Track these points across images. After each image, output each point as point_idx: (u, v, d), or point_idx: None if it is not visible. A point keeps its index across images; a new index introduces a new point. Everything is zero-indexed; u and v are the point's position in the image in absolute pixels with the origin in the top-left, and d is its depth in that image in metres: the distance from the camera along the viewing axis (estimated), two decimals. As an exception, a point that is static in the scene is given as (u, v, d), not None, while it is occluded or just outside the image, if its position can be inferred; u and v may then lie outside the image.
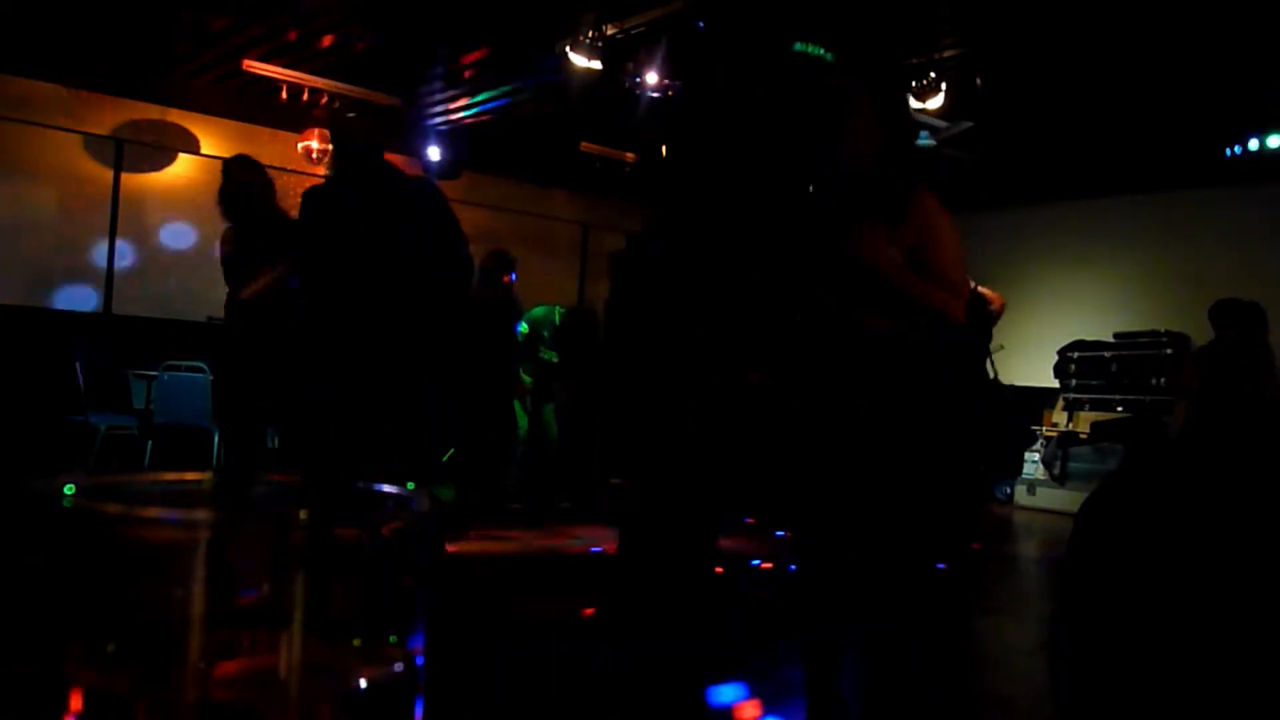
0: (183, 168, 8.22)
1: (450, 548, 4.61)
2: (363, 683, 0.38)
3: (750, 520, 5.89)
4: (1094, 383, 8.59)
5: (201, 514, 0.36)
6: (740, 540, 5.41)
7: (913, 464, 2.36)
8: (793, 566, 2.60)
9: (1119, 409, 8.41)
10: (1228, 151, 7.51)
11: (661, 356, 3.19)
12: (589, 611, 3.72)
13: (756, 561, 4.99)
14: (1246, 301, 5.53)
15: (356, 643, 0.39)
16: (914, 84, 6.74)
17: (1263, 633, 1.00)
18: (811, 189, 2.64)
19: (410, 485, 0.43)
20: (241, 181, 4.38)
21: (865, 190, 2.55)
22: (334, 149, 3.83)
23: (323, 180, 4.44)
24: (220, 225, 4.59)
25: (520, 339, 6.41)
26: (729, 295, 2.75)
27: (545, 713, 2.67)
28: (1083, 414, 8.78)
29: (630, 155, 9.08)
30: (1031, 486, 8.59)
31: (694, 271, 2.76)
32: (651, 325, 3.38)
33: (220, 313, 4.67)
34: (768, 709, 2.72)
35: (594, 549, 5.18)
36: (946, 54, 6.54)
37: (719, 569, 3.46)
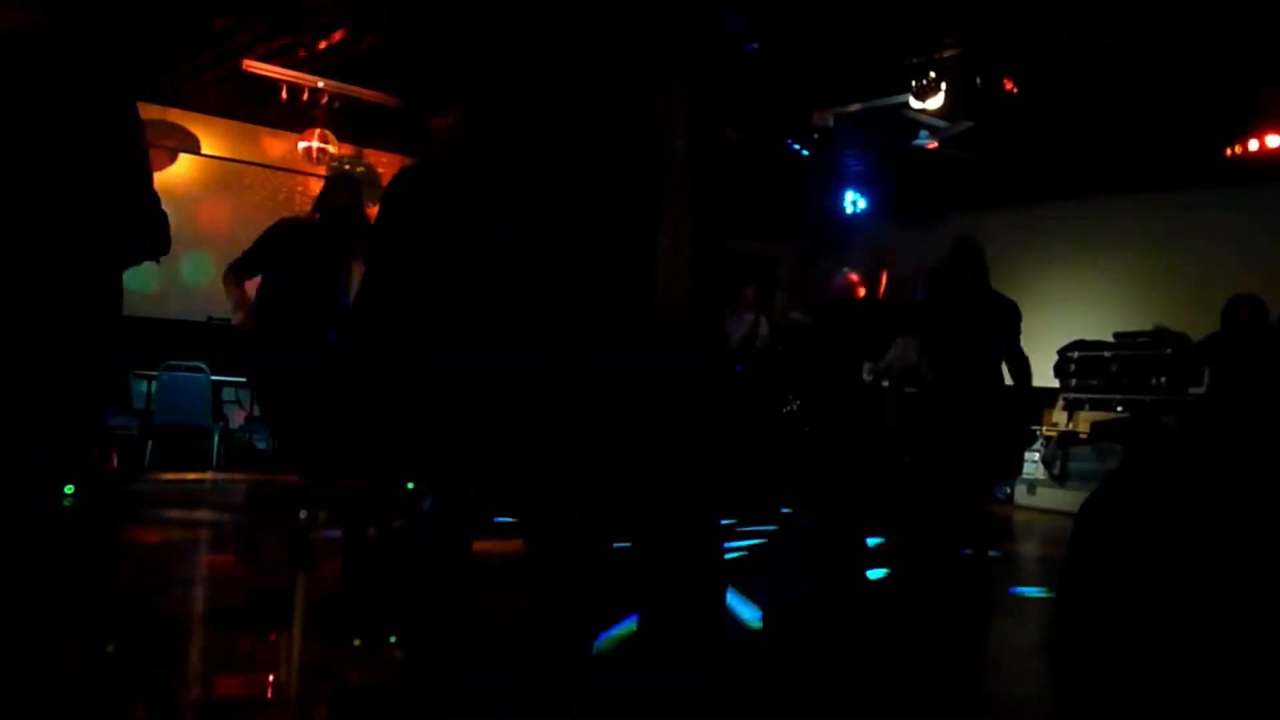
0: (183, 168, 8.22)
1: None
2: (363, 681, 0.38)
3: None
4: (1094, 382, 8.59)
5: (201, 514, 0.36)
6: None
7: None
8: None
9: (1119, 409, 8.40)
10: (1228, 151, 7.50)
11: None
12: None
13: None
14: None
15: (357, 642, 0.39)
16: (914, 84, 6.74)
17: (1258, 630, 1.00)
18: None
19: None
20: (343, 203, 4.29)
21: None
22: None
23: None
24: (223, 229, 4.54)
25: None
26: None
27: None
28: (1083, 414, 8.78)
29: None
30: (1032, 486, 8.59)
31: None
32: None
33: (220, 312, 4.60)
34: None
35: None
36: (946, 54, 6.55)
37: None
